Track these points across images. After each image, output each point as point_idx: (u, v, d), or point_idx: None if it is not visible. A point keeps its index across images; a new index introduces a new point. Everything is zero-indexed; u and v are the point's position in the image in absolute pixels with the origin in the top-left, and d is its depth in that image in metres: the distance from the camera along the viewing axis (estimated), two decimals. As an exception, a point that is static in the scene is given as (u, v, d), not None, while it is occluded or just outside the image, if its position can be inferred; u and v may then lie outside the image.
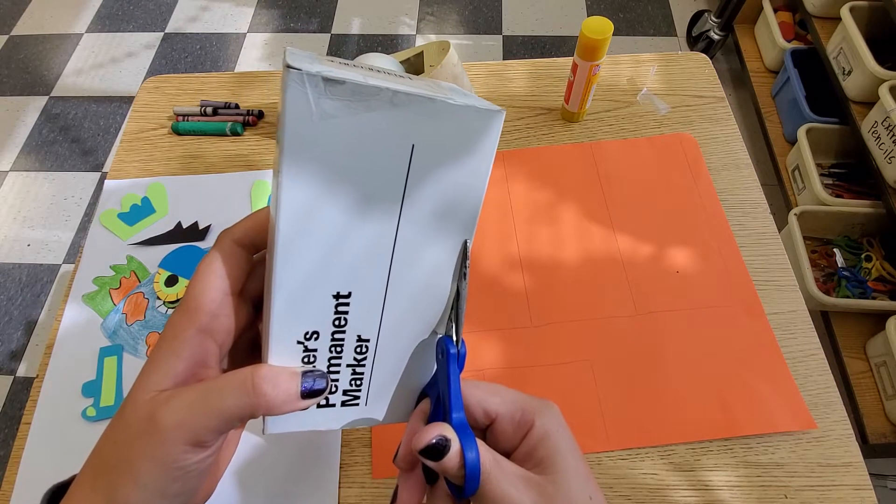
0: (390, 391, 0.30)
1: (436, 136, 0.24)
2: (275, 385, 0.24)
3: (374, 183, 0.24)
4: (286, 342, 0.26)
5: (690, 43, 1.72)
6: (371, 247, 0.25)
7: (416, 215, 0.25)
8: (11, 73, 1.73)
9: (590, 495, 0.26)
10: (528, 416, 0.28)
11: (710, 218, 0.58)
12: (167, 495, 0.23)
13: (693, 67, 0.70)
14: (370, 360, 0.28)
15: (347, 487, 0.45)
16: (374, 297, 0.26)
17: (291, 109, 0.21)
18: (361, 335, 0.27)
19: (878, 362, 1.08)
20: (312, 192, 0.23)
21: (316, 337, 0.26)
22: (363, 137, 0.22)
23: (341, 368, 0.28)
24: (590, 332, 0.52)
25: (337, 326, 0.26)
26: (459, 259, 0.27)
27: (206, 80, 0.70)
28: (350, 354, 0.27)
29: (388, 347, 0.28)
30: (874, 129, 1.13)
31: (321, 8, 1.87)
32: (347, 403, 0.29)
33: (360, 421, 0.29)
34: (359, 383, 0.29)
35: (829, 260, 1.22)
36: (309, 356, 0.26)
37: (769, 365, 0.50)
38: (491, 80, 0.69)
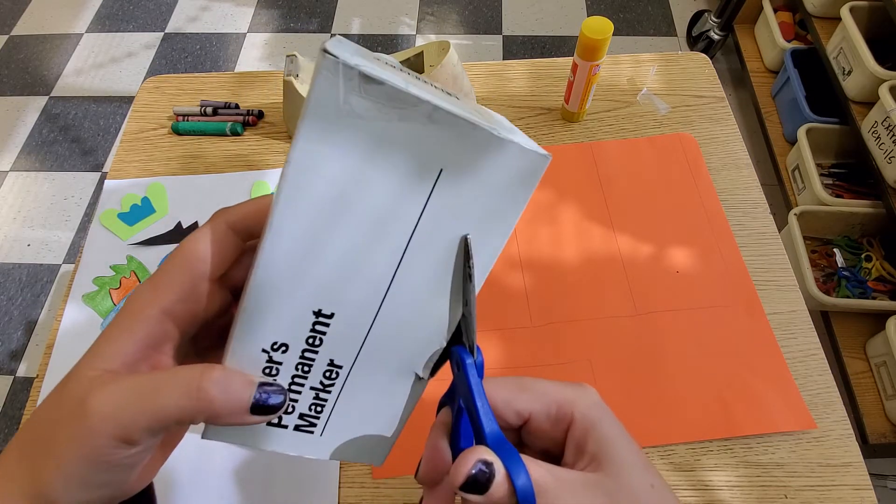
0: (351, 427, 0.27)
1: (469, 167, 0.21)
2: (224, 391, 0.22)
3: (389, 202, 0.21)
4: (250, 347, 0.23)
5: (690, 43, 1.72)
6: (368, 271, 0.22)
7: (425, 250, 0.22)
8: (11, 73, 1.73)
9: (651, 483, 0.23)
10: (564, 408, 0.25)
11: (710, 218, 0.58)
12: (91, 485, 0.21)
13: (693, 67, 0.70)
14: (337, 389, 0.25)
15: (347, 487, 0.45)
16: (359, 324, 0.24)
17: (316, 98, 0.18)
18: (335, 360, 0.25)
19: (878, 362, 1.08)
20: (316, 195, 0.20)
21: (284, 350, 0.24)
22: (388, 148, 0.20)
23: (303, 390, 0.25)
24: (590, 332, 0.52)
25: (309, 345, 0.24)
26: (461, 259, 0.23)
27: (206, 80, 0.70)
28: (317, 377, 0.25)
29: (361, 380, 0.25)
30: (874, 129, 1.13)
31: (321, 8, 1.87)
32: (301, 429, 0.26)
33: (310, 451, 0.27)
34: (319, 410, 0.26)
35: (829, 260, 1.22)
36: (271, 368, 0.24)
37: (769, 365, 0.50)
38: (491, 80, 0.69)
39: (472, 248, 0.23)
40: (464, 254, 0.23)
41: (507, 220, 0.23)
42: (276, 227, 0.21)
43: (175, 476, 0.45)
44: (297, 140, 0.19)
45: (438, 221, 0.22)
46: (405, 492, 0.45)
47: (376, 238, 0.22)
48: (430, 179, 0.21)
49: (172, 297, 0.23)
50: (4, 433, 1.19)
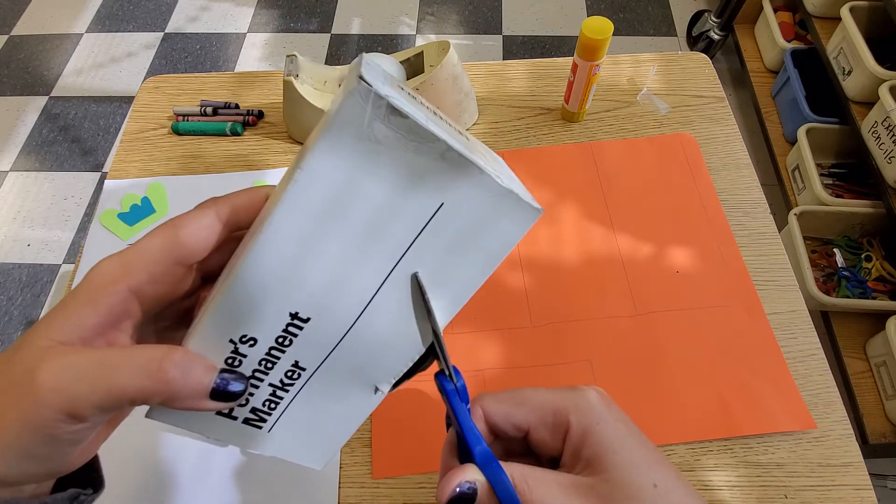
0: (300, 428, 0.27)
1: (467, 206, 0.22)
2: (185, 373, 0.21)
3: (386, 224, 0.22)
4: (218, 334, 0.23)
5: (690, 43, 1.72)
6: (352, 285, 0.23)
7: (408, 275, 0.24)
8: (11, 73, 1.73)
9: (654, 482, 0.23)
10: (561, 416, 0.25)
11: (710, 218, 0.58)
12: (32, 457, 0.21)
13: (693, 67, 0.70)
14: (295, 390, 0.26)
15: (347, 487, 0.45)
16: (332, 332, 0.24)
17: (342, 117, 0.20)
18: (300, 362, 0.25)
19: (878, 362, 1.08)
20: (321, 204, 0.21)
21: (252, 344, 0.24)
22: (396, 174, 0.21)
23: (262, 385, 0.25)
24: (590, 332, 0.52)
25: (278, 344, 0.24)
26: (417, 295, 0.24)
27: (206, 80, 0.70)
28: (278, 375, 0.25)
29: (321, 385, 0.26)
30: (874, 129, 1.13)
31: (321, 8, 1.87)
32: (250, 422, 0.26)
33: (253, 445, 0.27)
34: (272, 407, 0.26)
35: (829, 260, 1.22)
36: (235, 359, 0.24)
37: (769, 365, 0.50)
38: (491, 80, 0.69)
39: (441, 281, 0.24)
40: (419, 290, 0.24)
41: (491, 260, 0.24)
42: (274, 227, 0.21)
43: (175, 476, 0.45)
44: (315, 150, 0.20)
45: (426, 251, 0.23)
46: (405, 492, 0.45)
47: (367, 256, 0.23)
48: (429, 211, 0.22)
49: (144, 277, 0.22)
50: (4, 433, 1.19)
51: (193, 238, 0.23)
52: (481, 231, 0.23)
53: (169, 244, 0.23)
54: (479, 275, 0.25)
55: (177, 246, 0.23)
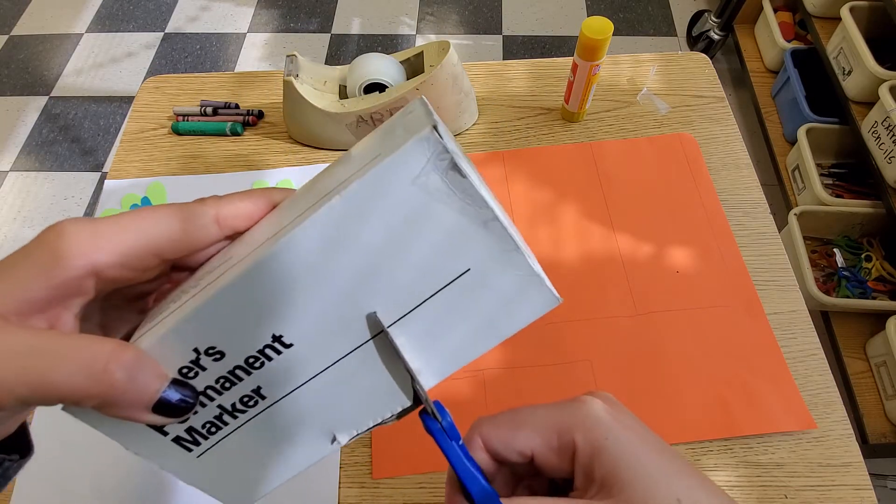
0: (233, 462, 0.24)
1: (492, 279, 0.22)
2: (132, 379, 0.18)
3: (407, 273, 0.21)
4: (183, 339, 0.21)
5: (690, 43, 1.72)
6: (350, 323, 0.22)
7: (411, 328, 0.22)
8: (11, 73, 1.73)
9: (677, 497, 0.20)
10: (565, 436, 0.22)
11: (710, 218, 0.58)
12: None
13: (693, 67, 0.70)
14: (245, 418, 0.23)
15: (347, 487, 0.45)
16: (309, 366, 0.22)
17: (400, 157, 0.19)
18: (262, 389, 0.23)
19: (878, 362, 1.08)
20: (348, 231, 0.20)
21: (218, 358, 0.21)
22: (433, 228, 0.21)
23: (209, 405, 0.23)
24: (590, 332, 0.52)
25: (247, 364, 0.22)
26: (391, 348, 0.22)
27: (206, 80, 0.70)
28: (233, 398, 0.23)
29: (274, 420, 0.23)
30: (874, 129, 1.13)
31: (321, 8, 1.87)
32: (181, 442, 0.23)
33: (175, 468, 0.24)
34: (212, 431, 0.23)
35: (829, 260, 1.22)
36: (190, 370, 0.22)
37: (769, 365, 0.50)
38: (491, 80, 0.69)
39: (441, 343, 0.23)
40: (395, 352, 0.23)
41: (495, 336, 0.23)
42: (291, 243, 0.20)
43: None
44: (361, 181, 0.19)
45: (437, 310, 0.22)
46: (405, 492, 0.45)
47: (376, 297, 0.22)
48: (454, 273, 0.22)
49: (113, 259, 0.19)
50: (4, 433, 1.19)
51: (183, 234, 0.21)
52: (497, 306, 0.23)
53: (154, 233, 0.20)
54: (479, 347, 0.24)
55: (161, 238, 0.20)
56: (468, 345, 0.23)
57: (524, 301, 0.23)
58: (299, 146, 0.64)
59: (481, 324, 0.23)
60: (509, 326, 0.23)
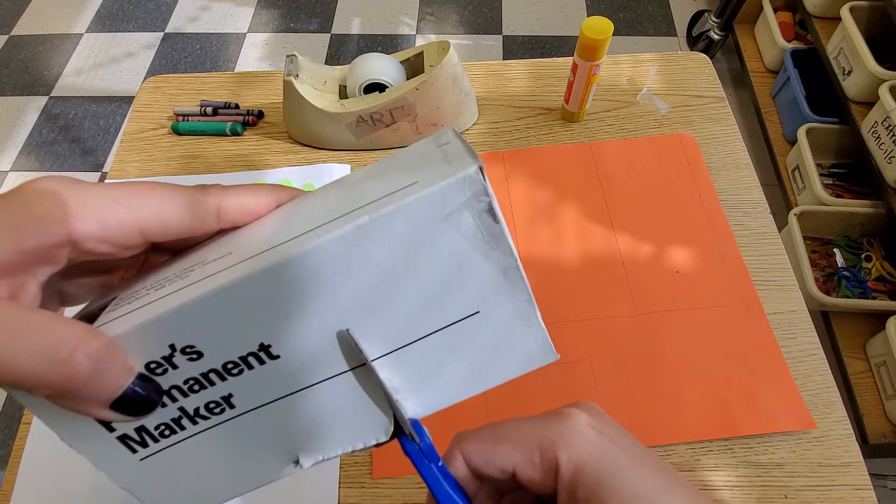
0: (179, 471, 0.22)
1: (498, 326, 0.22)
2: (97, 372, 0.16)
3: (413, 305, 0.21)
4: (161, 334, 0.19)
5: (690, 43, 1.72)
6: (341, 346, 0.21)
7: (404, 362, 0.22)
8: (11, 73, 1.73)
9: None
10: (547, 453, 0.21)
11: (710, 218, 0.58)
12: None
13: (693, 67, 0.70)
14: (206, 426, 0.22)
15: (347, 487, 0.45)
16: (290, 381, 0.21)
17: (440, 192, 0.19)
18: (233, 398, 0.21)
19: (878, 362, 1.08)
20: (364, 254, 0.19)
21: (193, 358, 0.20)
22: (452, 267, 0.20)
23: (170, 406, 0.21)
24: (590, 332, 0.52)
25: (224, 369, 0.20)
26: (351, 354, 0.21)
27: (206, 80, 0.70)
28: (198, 403, 0.21)
29: (236, 433, 0.22)
30: (874, 129, 1.13)
31: (321, 8, 1.87)
32: (127, 441, 0.21)
33: (112, 468, 0.22)
34: (166, 434, 0.21)
35: (829, 260, 1.22)
36: (160, 367, 0.20)
37: (769, 365, 0.50)
38: (491, 80, 0.69)
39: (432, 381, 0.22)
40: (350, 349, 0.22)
41: (486, 381, 0.23)
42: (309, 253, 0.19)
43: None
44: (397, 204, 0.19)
45: (439, 348, 0.22)
46: (405, 492, 0.45)
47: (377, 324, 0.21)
48: (462, 313, 0.21)
49: (95, 232, 0.18)
50: (4, 433, 1.19)
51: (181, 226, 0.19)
52: (495, 353, 0.22)
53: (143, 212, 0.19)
54: (468, 390, 0.23)
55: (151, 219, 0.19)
56: (458, 386, 0.23)
57: (523, 352, 0.23)
58: (299, 146, 0.64)
59: (475, 368, 0.23)
60: (500, 375, 0.23)
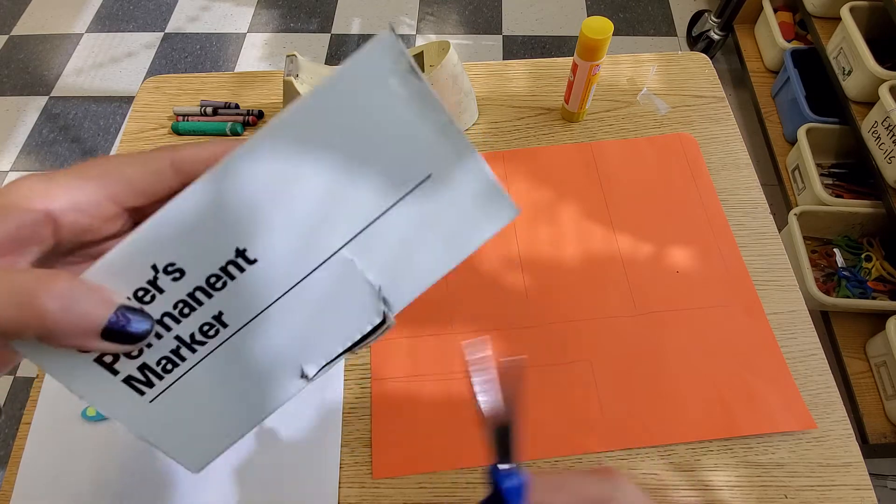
0: (191, 408, 0.22)
1: (452, 187, 0.22)
2: (66, 308, 0.18)
3: (370, 178, 0.21)
4: (141, 255, 0.20)
5: (690, 43, 1.72)
6: (314, 236, 0.21)
7: (374, 242, 0.22)
8: (11, 73, 1.73)
9: None
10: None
11: (710, 218, 0.58)
12: None
13: (693, 67, 0.70)
14: (203, 353, 0.22)
15: (347, 487, 0.45)
16: (274, 285, 0.21)
17: (362, 59, 0.19)
18: (223, 315, 0.21)
19: (878, 362, 1.08)
20: (315, 135, 0.20)
21: (176, 277, 0.20)
22: (392, 134, 0.20)
23: (166, 336, 0.21)
24: (590, 332, 0.52)
25: (209, 284, 0.21)
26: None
27: (206, 80, 0.70)
28: (192, 327, 0.21)
29: (236, 353, 0.22)
30: (874, 129, 1.13)
31: (321, 8, 1.87)
32: (133, 382, 0.21)
33: (124, 415, 0.22)
34: (168, 368, 0.22)
35: (829, 260, 1.22)
36: (147, 293, 0.20)
37: (769, 365, 0.50)
38: (491, 80, 0.69)
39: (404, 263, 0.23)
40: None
41: (457, 253, 0.23)
42: (259, 142, 0.20)
43: (174, 474, 0.45)
44: (327, 82, 0.19)
45: (401, 219, 0.22)
46: (405, 492, 0.45)
47: (341, 208, 0.21)
48: (415, 178, 0.22)
49: (68, 205, 0.19)
50: (4, 433, 1.19)
51: (138, 179, 0.21)
52: (457, 217, 0.22)
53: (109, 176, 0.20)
54: (441, 266, 0.23)
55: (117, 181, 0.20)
56: (432, 261, 0.23)
57: (483, 212, 0.23)
58: (299, 146, 0.64)
59: (443, 237, 0.23)
60: (469, 242, 0.23)
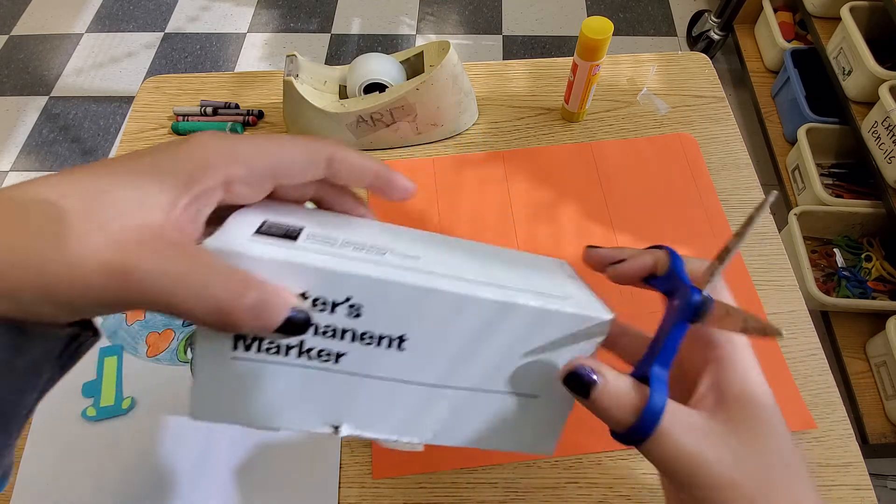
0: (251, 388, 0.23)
1: (538, 411, 0.28)
2: (256, 316, 0.19)
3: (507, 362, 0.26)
4: (351, 287, 0.22)
5: (690, 43, 1.72)
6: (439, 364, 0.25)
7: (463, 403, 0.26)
8: (11, 73, 1.73)
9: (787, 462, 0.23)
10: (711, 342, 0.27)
11: (710, 218, 0.58)
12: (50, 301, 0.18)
13: (693, 67, 0.70)
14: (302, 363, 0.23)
15: (347, 487, 0.45)
16: (393, 370, 0.24)
17: (581, 319, 0.29)
18: (342, 357, 0.24)
19: (878, 362, 1.08)
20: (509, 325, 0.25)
21: (352, 315, 0.22)
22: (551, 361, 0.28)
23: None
24: (590, 332, 0.52)
25: (360, 336, 0.23)
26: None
27: (206, 80, 0.70)
28: (317, 344, 0.23)
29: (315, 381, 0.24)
30: (874, 129, 1.13)
31: (321, 8, 1.87)
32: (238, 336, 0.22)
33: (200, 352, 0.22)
34: (269, 351, 0.22)
35: (829, 260, 1.22)
36: (325, 308, 0.22)
37: (769, 365, 0.50)
38: (491, 80, 0.69)
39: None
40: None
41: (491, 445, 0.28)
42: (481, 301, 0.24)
43: (174, 476, 0.45)
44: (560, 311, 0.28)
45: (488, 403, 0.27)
46: (405, 492, 0.45)
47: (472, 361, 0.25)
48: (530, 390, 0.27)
49: (242, 172, 0.21)
50: (4, 433, 1.19)
51: (297, 167, 0.22)
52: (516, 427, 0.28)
53: (278, 157, 0.22)
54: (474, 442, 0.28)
55: (284, 168, 0.22)
56: (474, 436, 0.27)
57: (532, 440, 0.28)
58: (299, 146, 0.64)
59: (492, 429, 0.27)
60: (502, 445, 0.28)
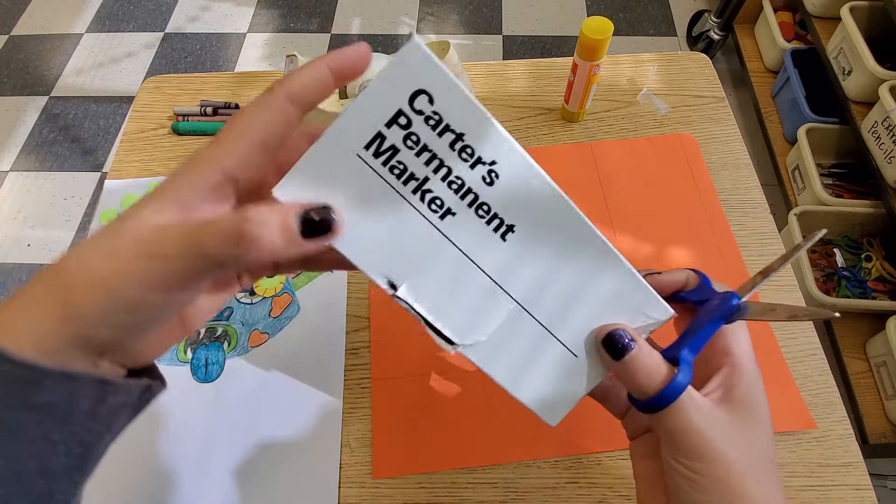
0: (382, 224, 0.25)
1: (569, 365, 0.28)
2: (263, 223, 0.21)
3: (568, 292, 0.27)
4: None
5: (690, 43, 1.72)
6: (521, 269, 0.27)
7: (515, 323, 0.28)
8: (11, 73, 1.73)
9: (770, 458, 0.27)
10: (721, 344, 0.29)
11: (710, 218, 0.58)
12: (112, 324, 0.22)
13: (693, 67, 0.70)
14: (423, 211, 0.25)
15: (347, 487, 0.45)
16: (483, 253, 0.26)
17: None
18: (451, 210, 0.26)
19: (878, 362, 1.08)
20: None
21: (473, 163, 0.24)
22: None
23: (439, 184, 0.25)
24: (590, 332, 0.52)
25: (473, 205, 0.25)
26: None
27: (206, 80, 0.70)
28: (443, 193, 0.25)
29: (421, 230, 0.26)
30: (874, 129, 1.13)
31: (321, 8, 1.87)
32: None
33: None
34: (406, 181, 0.25)
35: (829, 260, 1.22)
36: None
37: (769, 365, 0.50)
38: (491, 80, 0.69)
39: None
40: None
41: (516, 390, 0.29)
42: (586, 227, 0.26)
43: (174, 476, 0.45)
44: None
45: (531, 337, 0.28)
46: (405, 492, 0.45)
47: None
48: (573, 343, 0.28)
49: (237, 163, 0.23)
50: (4, 433, 1.19)
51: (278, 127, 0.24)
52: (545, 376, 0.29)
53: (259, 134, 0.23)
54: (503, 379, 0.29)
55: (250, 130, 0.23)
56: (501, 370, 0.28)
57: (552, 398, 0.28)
58: (299, 146, 0.64)
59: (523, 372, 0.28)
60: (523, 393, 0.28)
